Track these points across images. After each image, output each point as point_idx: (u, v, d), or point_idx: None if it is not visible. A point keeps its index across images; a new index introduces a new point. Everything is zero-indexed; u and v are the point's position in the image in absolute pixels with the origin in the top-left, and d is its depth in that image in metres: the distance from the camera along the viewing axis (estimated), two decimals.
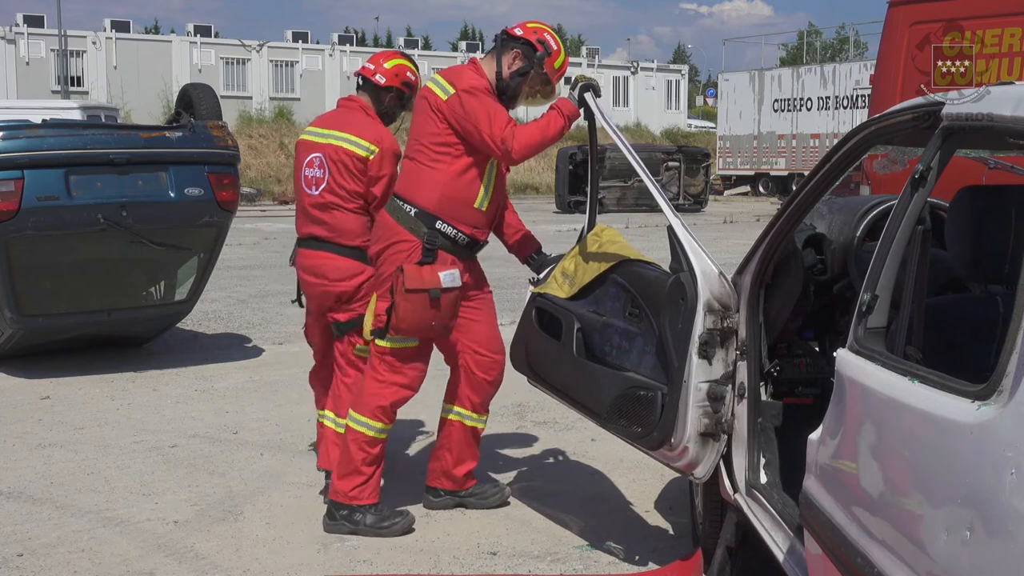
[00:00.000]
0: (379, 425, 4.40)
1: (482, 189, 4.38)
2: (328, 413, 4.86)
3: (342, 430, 4.58)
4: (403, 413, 4.81)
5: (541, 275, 4.55)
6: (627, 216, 22.01)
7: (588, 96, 4.27)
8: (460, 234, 4.36)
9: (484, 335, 4.55)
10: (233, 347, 8.54)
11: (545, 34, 4.49)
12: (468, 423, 4.62)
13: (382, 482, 4.52)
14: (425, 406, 5.01)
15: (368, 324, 4.44)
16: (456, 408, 4.61)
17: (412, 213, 4.32)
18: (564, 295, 4.28)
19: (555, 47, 4.48)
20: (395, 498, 4.67)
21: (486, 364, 4.56)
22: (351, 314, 4.69)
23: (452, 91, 4.30)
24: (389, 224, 4.38)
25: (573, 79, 4.46)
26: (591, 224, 4.40)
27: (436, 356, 4.54)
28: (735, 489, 3.62)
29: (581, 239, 4.41)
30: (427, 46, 58.33)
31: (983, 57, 6.75)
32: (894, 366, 2.54)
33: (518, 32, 4.49)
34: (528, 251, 4.76)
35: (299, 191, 4.84)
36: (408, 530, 4.43)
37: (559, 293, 4.31)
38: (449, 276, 4.28)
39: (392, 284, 4.25)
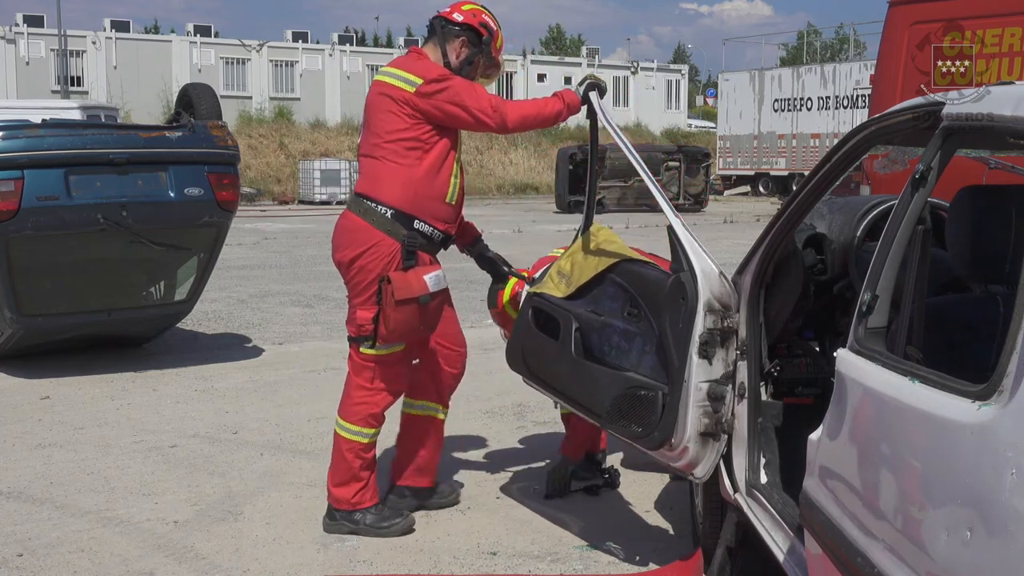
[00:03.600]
0: (372, 431, 4.38)
1: (452, 182, 4.33)
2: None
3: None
4: (397, 413, 4.80)
5: (537, 275, 4.56)
6: (627, 216, 22.02)
7: (593, 95, 4.26)
8: (436, 231, 4.32)
9: (448, 331, 4.53)
10: (233, 347, 8.54)
11: (484, 16, 4.42)
12: (439, 416, 4.61)
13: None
14: None
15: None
16: (425, 403, 4.58)
17: (388, 215, 4.22)
18: (561, 295, 4.28)
19: (495, 27, 4.43)
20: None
21: (453, 358, 4.56)
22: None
23: (420, 81, 4.18)
24: (362, 227, 4.24)
25: (583, 77, 4.46)
26: (587, 223, 4.40)
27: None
28: (735, 489, 3.62)
29: (577, 239, 4.42)
30: None
31: (983, 57, 6.74)
32: (894, 366, 2.54)
33: (458, 18, 4.38)
34: (467, 239, 4.72)
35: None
36: (408, 530, 4.42)
37: (556, 293, 4.30)
38: (435, 279, 4.24)
39: (379, 294, 4.19)
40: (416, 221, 4.25)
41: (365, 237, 4.23)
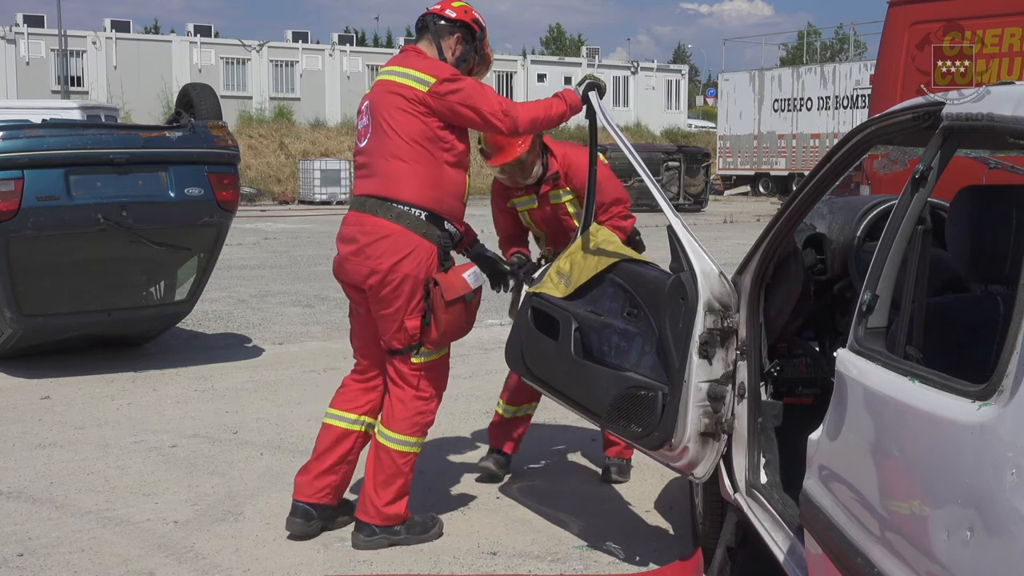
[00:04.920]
0: (423, 440, 4.34)
1: (467, 181, 4.30)
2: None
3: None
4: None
5: (536, 275, 4.55)
6: None
7: (592, 95, 4.25)
8: (457, 231, 4.28)
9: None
10: (233, 347, 8.54)
11: (475, 12, 4.40)
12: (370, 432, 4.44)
13: None
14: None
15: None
16: (366, 417, 4.39)
17: (423, 217, 4.11)
18: (560, 295, 4.28)
19: (484, 24, 4.43)
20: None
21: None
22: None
23: (433, 80, 4.11)
24: (398, 232, 4.08)
25: (581, 77, 4.46)
26: (587, 224, 4.40)
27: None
28: (735, 489, 3.62)
29: (576, 239, 4.41)
30: None
31: (983, 57, 6.75)
32: (894, 366, 2.54)
33: (451, 14, 4.35)
34: (466, 240, 4.68)
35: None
36: (440, 533, 4.39)
37: (555, 293, 4.30)
38: (473, 276, 4.19)
39: (427, 299, 4.10)
40: (445, 222, 4.18)
41: (404, 242, 4.07)
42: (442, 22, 4.34)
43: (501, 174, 4.96)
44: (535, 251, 5.18)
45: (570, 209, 4.96)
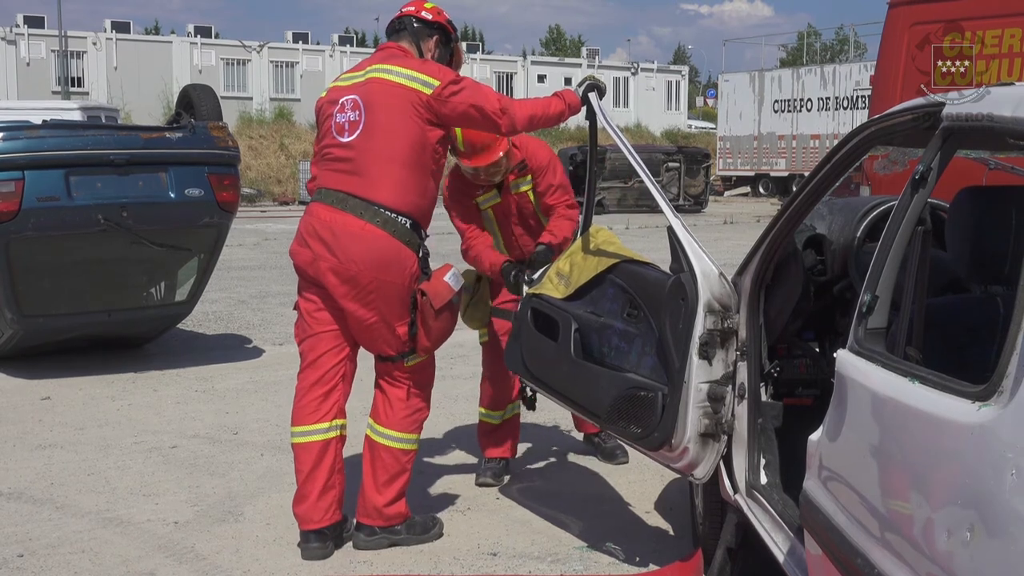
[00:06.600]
0: (420, 437, 4.37)
1: (436, 191, 4.27)
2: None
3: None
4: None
5: (535, 276, 4.55)
6: (627, 217, 22.03)
7: (592, 96, 4.25)
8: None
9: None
10: (233, 348, 8.54)
11: (445, 13, 4.39)
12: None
13: None
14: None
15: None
16: (343, 421, 4.25)
17: (408, 225, 4.06)
18: (560, 296, 4.28)
19: (455, 25, 4.44)
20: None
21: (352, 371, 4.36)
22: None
23: (437, 83, 4.05)
24: (381, 237, 4.01)
25: (582, 78, 4.46)
26: (587, 224, 4.40)
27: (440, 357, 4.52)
28: (735, 490, 3.62)
29: (575, 240, 4.42)
30: None
31: (983, 58, 6.75)
32: (894, 367, 2.54)
33: (428, 16, 4.32)
34: None
35: None
36: (440, 534, 4.39)
37: (555, 294, 4.30)
38: (453, 278, 4.19)
39: (414, 310, 4.10)
40: (422, 231, 4.16)
41: (389, 249, 4.02)
42: (420, 24, 4.31)
43: (475, 173, 4.79)
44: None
45: (531, 197, 4.93)
